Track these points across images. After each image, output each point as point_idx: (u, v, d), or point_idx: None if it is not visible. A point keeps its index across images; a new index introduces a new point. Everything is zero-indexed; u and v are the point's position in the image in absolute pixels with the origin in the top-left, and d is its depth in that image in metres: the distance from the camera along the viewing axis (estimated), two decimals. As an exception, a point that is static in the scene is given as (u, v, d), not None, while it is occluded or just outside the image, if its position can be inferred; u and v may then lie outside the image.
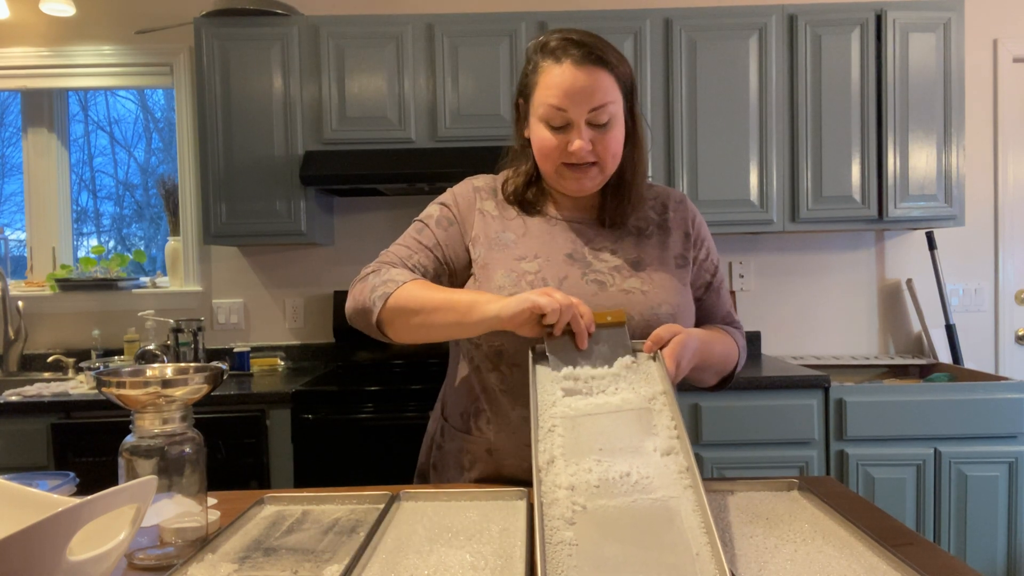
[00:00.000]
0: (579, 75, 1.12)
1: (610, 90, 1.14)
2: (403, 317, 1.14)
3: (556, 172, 1.18)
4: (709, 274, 1.30)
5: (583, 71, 1.12)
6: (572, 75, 1.12)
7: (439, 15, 2.69)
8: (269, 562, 0.86)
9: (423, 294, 1.13)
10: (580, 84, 1.12)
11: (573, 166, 1.16)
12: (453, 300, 1.10)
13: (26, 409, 2.33)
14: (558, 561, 0.73)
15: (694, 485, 0.83)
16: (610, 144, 1.15)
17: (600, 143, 1.14)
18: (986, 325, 3.08)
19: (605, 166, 1.17)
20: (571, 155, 1.14)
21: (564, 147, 1.14)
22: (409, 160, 2.62)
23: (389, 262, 1.25)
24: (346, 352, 2.96)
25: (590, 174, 1.17)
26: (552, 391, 1.00)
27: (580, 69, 1.12)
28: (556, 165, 1.17)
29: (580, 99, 1.12)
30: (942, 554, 0.88)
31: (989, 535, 2.38)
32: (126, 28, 3.02)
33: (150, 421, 0.94)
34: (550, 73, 1.14)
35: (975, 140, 3.03)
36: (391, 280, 1.17)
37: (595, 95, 1.12)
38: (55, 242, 3.15)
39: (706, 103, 2.69)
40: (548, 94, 1.14)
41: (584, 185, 1.18)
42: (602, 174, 1.18)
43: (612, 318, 1.06)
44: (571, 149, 1.13)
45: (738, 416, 2.38)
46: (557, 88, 1.13)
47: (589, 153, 1.14)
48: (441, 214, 1.28)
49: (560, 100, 1.13)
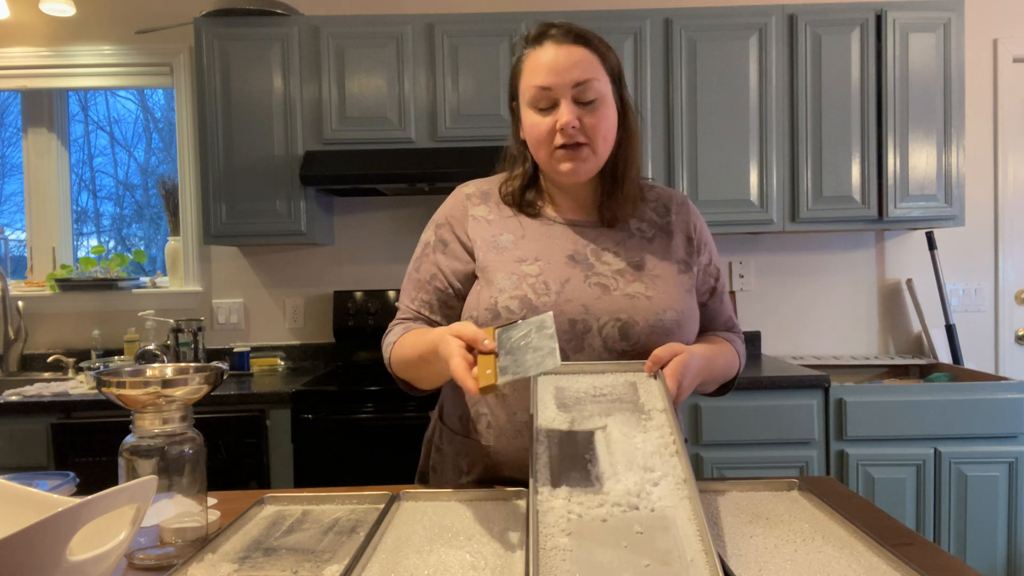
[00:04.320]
0: (559, 52, 1.14)
1: (593, 67, 1.15)
2: (412, 379, 1.22)
3: (551, 157, 1.17)
4: (713, 279, 1.30)
5: (563, 48, 1.14)
6: (553, 52, 1.14)
7: (439, 15, 2.69)
8: (269, 562, 0.86)
9: (404, 353, 1.18)
10: (561, 60, 1.13)
11: (565, 149, 1.15)
12: (420, 350, 1.13)
13: (26, 409, 2.33)
14: (551, 566, 0.73)
15: (691, 496, 0.83)
16: (599, 123, 1.15)
17: (588, 121, 1.14)
18: (986, 325, 3.08)
19: (596, 147, 1.16)
20: (560, 133, 1.14)
21: (554, 127, 1.14)
22: (409, 160, 2.62)
23: (400, 318, 1.29)
24: (346, 352, 2.96)
25: (582, 155, 1.16)
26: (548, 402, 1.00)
27: (560, 47, 1.14)
28: (550, 149, 1.16)
29: (562, 73, 1.13)
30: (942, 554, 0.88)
31: (989, 535, 2.38)
32: (126, 28, 3.02)
33: (150, 421, 0.94)
34: (532, 57, 1.16)
35: (975, 140, 3.02)
36: (388, 345, 1.25)
37: (576, 70, 1.13)
38: (55, 242, 3.15)
39: (706, 103, 2.69)
40: (532, 76, 1.15)
41: (579, 168, 1.17)
42: (595, 156, 1.17)
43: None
44: (559, 125, 1.13)
45: (738, 416, 2.38)
46: (539, 68, 1.14)
47: (578, 131, 1.14)
48: (436, 237, 1.27)
49: (543, 78, 1.14)
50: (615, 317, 1.14)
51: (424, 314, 1.25)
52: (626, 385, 1.04)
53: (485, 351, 0.95)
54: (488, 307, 1.15)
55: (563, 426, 0.97)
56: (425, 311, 1.25)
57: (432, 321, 1.25)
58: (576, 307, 1.13)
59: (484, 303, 1.16)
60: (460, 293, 1.23)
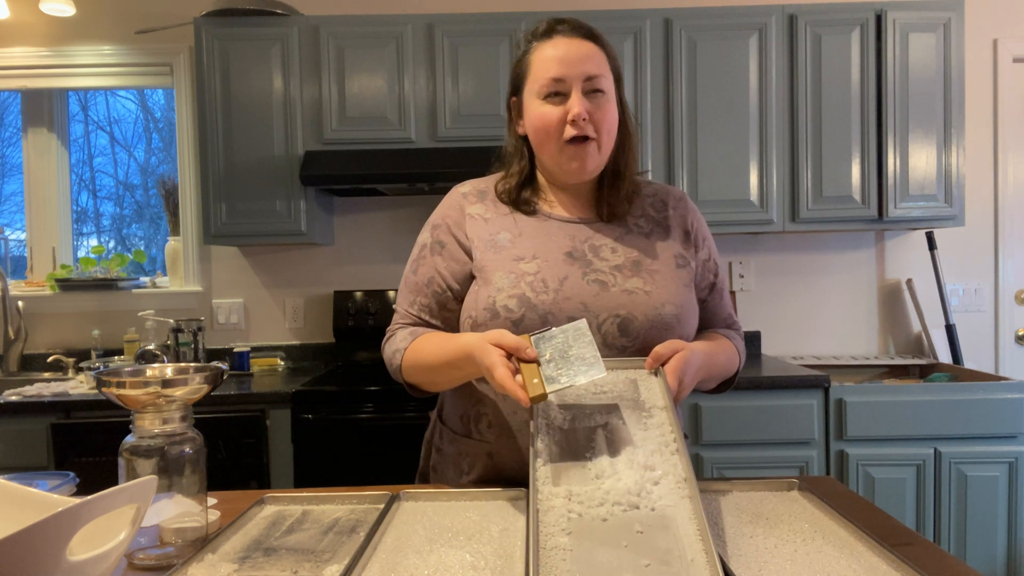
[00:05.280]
0: (572, 44, 1.16)
1: (602, 63, 1.17)
2: (426, 383, 1.22)
3: (559, 151, 1.17)
4: (712, 274, 1.29)
5: (575, 41, 1.16)
6: (565, 45, 1.16)
7: (439, 15, 2.69)
8: (269, 562, 0.86)
9: (422, 358, 1.18)
10: (574, 52, 1.15)
11: (574, 143, 1.16)
12: (447, 357, 1.12)
13: (26, 409, 2.33)
14: (551, 566, 0.73)
15: (692, 495, 0.83)
16: (606, 117, 1.16)
17: (596, 115, 1.15)
18: (986, 325, 3.08)
19: (602, 142, 1.17)
20: (571, 124, 1.14)
21: (564, 118, 1.15)
22: (409, 160, 2.62)
23: (399, 322, 1.28)
24: (346, 352, 2.96)
25: (589, 151, 1.16)
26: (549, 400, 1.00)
27: (572, 40, 1.16)
28: (559, 143, 1.16)
29: (575, 66, 1.14)
30: (942, 554, 0.88)
31: (989, 535, 2.38)
32: (126, 28, 3.02)
33: (150, 421, 0.94)
34: (542, 50, 1.17)
35: (975, 140, 3.02)
36: (397, 351, 1.23)
37: (589, 63, 1.15)
38: (55, 242, 3.15)
39: (706, 103, 2.69)
40: (544, 68, 1.16)
41: (585, 165, 1.17)
42: (599, 153, 1.18)
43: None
44: (571, 116, 1.14)
45: (738, 416, 2.38)
46: (552, 59, 1.15)
47: (588, 124, 1.15)
48: (433, 239, 1.26)
49: (557, 70, 1.15)
50: (614, 313, 1.13)
51: (424, 318, 1.24)
52: (627, 382, 1.04)
53: (528, 359, 0.96)
54: (486, 306, 1.15)
55: (564, 424, 0.97)
56: (425, 315, 1.24)
57: (431, 325, 1.25)
58: (575, 304, 1.13)
59: (482, 302, 1.16)
60: (458, 295, 1.23)
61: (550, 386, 0.93)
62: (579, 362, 0.95)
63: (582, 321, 1.00)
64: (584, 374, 0.93)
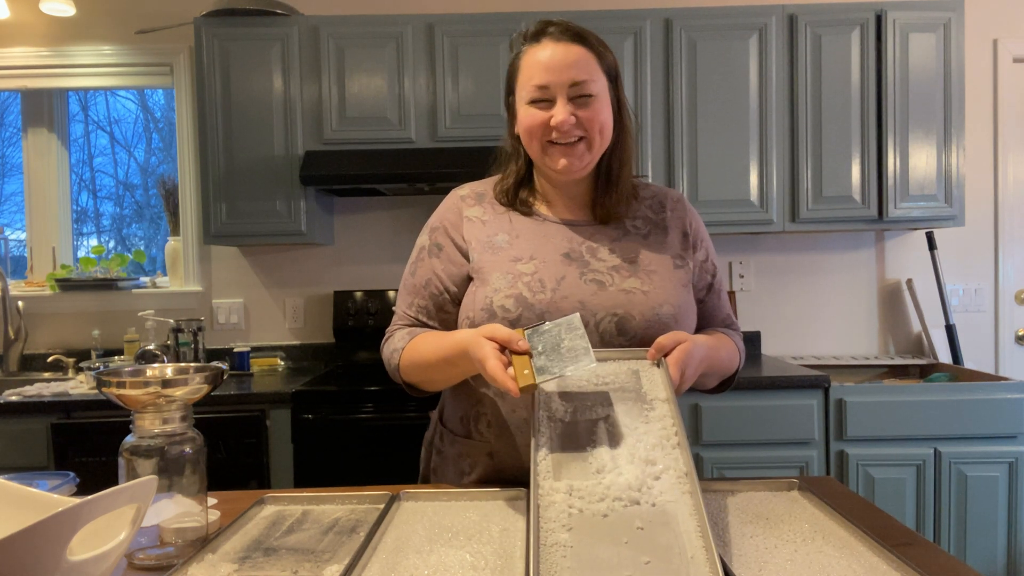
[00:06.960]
0: (557, 49, 1.14)
1: (590, 67, 1.15)
2: (423, 382, 1.23)
3: (543, 151, 1.17)
4: (710, 275, 1.29)
5: (561, 45, 1.14)
6: (551, 49, 1.15)
7: (439, 15, 2.69)
8: (269, 562, 0.87)
9: (418, 357, 1.19)
10: (558, 58, 1.14)
11: (558, 144, 1.15)
12: (443, 354, 1.13)
13: (26, 409, 2.33)
14: (552, 562, 0.73)
15: (692, 491, 0.83)
16: (596, 117, 1.15)
17: (585, 116, 1.14)
18: (986, 325, 3.08)
19: (592, 141, 1.16)
20: (554, 130, 1.14)
21: (548, 123, 1.14)
22: (409, 160, 2.62)
23: (397, 323, 1.29)
24: (346, 352, 2.96)
25: (577, 151, 1.16)
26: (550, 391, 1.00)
27: (558, 44, 1.15)
28: (542, 143, 1.17)
29: (559, 72, 1.13)
30: (942, 554, 0.88)
31: (989, 535, 2.38)
32: (126, 28, 3.02)
33: (150, 421, 0.94)
34: (530, 54, 1.16)
35: (975, 140, 3.02)
36: (395, 351, 1.23)
37: (573, 69, 1.13)
38: (55, 242, 3.15)
39: (706, 103, 2.69)
40: (530, 73, 1.15)
41: (572, 164, 1.17)
42: (590, 152, 1.17)
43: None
44: (553, 123, 1.13)
45: (738, 416, 2.38)
46: (537, 64, 1.15)
47: (574, 127, 1.14)
48: (431, 241, 1.27)
49: (541, 76, 1.14)
50: (611, 312, 1.14)
51: (421, 320, 1.25)
52: (628, 373, 1.04)
53: (520, 351, 0.97)
54: (484, 307, 1.15)
55: (565, 416, 0.97)
56: (423, 317, 1.25)
57: (429, 327, 1.25)
58: (572, 303, 1.13)
59: (480, 303, 1.16)
60: (455, 297, 1.23)
61: (540, 376, 0.93)
62: (570, 354, 0.95)
63: (575, 315, 1.00)
64: (575, 365, 0.94)
